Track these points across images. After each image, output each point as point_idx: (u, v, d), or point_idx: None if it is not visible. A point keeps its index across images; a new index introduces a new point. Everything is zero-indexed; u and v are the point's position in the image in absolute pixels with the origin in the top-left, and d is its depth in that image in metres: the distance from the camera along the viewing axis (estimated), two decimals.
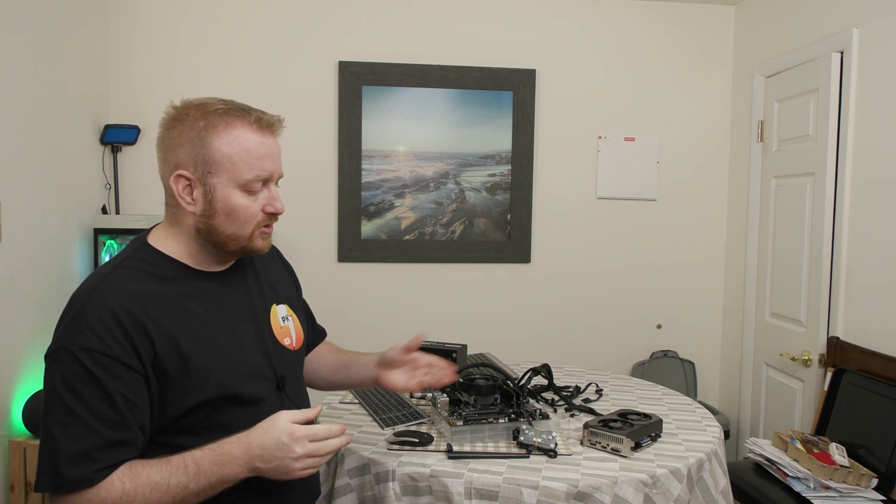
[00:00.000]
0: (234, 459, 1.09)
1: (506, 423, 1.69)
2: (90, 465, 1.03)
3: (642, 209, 3.46)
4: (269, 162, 1.19)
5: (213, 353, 1.17)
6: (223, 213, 1.17)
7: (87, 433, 1.04)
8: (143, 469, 1.07)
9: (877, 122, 2.45)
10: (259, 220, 1.20)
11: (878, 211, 2.44)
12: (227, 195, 1.17)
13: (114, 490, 1.04)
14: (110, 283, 1.12)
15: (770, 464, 2.31)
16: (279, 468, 1.10)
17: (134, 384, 1.08)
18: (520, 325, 3.41)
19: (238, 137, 1.17)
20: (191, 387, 1.13)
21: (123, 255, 1.21)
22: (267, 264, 1.41)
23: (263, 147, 1.19)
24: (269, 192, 1.21)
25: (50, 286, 2.55)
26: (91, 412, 1.05)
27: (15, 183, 2.29)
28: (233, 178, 1.16)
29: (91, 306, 1.09)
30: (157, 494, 1.06)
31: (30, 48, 2.39)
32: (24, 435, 2.34)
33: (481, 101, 3.30)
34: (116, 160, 3.05)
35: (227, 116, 1.18)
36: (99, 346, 1.06)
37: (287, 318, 1.36)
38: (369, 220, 3.28)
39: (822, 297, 2.68)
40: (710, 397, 3.56)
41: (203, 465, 1.08)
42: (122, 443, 1.07)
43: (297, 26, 3.19)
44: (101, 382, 1.05)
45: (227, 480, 1.10)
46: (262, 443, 1.09)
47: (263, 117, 1.20)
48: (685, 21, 3.42)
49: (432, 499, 1.49)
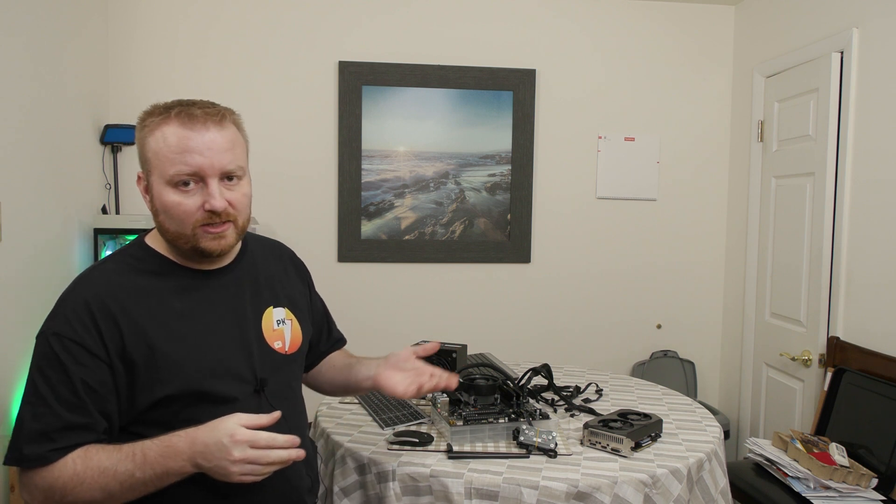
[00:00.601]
0: (179, 453, 1.09)
1: (506, 423, 1.69)
2: (47, 444, 1.08)
3: (642, 209, 3.46)
4: (195, 156, 1.14)
5: (185, 348, 1.17)
6: (161, 212, 1.18)
7: (48, 414, 1.09)
8: (96, 454, 1.09)
9: (877, 122, 2.45)
10: (197, 219, 1.16)
11: (878, 211, 2.44)
12: (160, 193, 1.17)
13: (66, 470, 1.08)
14: (92, 274, 1.18)
15: (770, 464, 2.30)
16: (217, 469, 1.08)
17: (97, 372, 1.11)
18: (520, 325, 3.41)
19: (163, 133, 1.15)
20: (159, 379, 1.14)
21: (119, 250, 1.26)
22: (272, 266, 1.39)
23: (187, 141, 1.14)
24: (206, 189, 1.16)
25: (50, 286, 2.54)
26: (54, 394, 1.09)
27: (15, 183, 2.29)
28: (161, 174, 1.16)
29: (70, 295, 1.14)
30: (104, 479, 1.08)
31: (30, 48, 2.39)
32: None
33: (481, 101, 3.30)
34: (116, 160, 3.05)
35: (153, 115, 1.18)
36: (68, 333, 1.11)
37: (284, 322, 1.34)
38: (369, 220, 3.28)
39: (822, 297, 2.68)
40: (710, 397, 3.56)
41: (149, 456, 1.09)
42: (80, 426, 1.10)
43: (297, 26, 3.19)
44: (66, 367, 1.09)
45: (173, 473, 1.09)
46: (206, 440, 1.08)
47: (187, 111, 1.16)
48: (685, 21, 3.42)
49: (432, 499, 1.49)
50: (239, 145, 1.21)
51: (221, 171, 1.16)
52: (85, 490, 1.08)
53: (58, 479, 1.08)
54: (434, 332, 3.21)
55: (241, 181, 1.21)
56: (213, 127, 1.16)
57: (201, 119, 1.15)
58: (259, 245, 1.42)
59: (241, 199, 1.20)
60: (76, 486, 1.08)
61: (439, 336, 3.12)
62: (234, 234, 1.21)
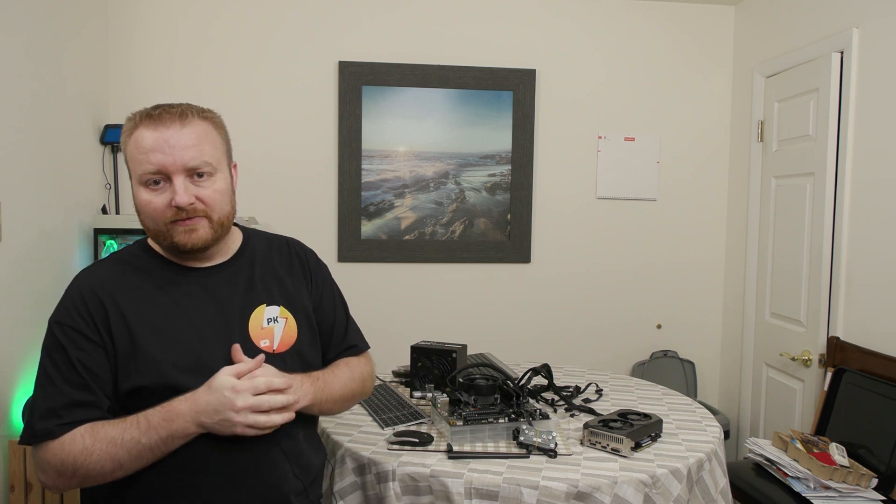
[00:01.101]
0: (181, 414, 1.16)
1: (506, 423, 1.69)
2: (54, 419, 1.16)
3: (642, 209, 3.46)
4: (157, 154, 1.19)
5: (163, 342, 1.22)
6: (139, 211, 1.25)
7: (55, 393, 1.18)
8: (102, 427, 1.17)
9: (877, 122, 2.45)
10: (167, 216, 1.21)
11: (878, 211, 2.44)
12: (136, 193, 1.24)
13: (75, 445, 1.15)
14: (90, 270, 1.29)
15: (770, 464, 2.30)
16: (222, 422, 1.16)
17: (95, 355, 1.20)
18: (520, 325, 3.41)
19: (135, 137, 1.22)
20: (135, 369, 1.20)
21: (120, 249, 1.36)
22: (273, 265, 1.40)
23: (150, 140, 1.20)
24: (171, 186, 1.21)
25: (50, 286, 2.54)
26: (61, 375, 1.18)
27: (15, 183, 2.29)
28: (134, 175, 1.24)
29: (70, 288, 1.26)
30: (112, 448, 1.15)
31: (30, 48, 2.39)
32: None
33: (481, 101, 3.30)
34: (116, 160, 3.05)
35: (133, 119, 1.24)
36: (67, 321, 1.21)
37: (275, 321, 1.33)
38: (369, 220, 3.28)
39: (822, 297, 2.68)
40: (710, 397, 3.56)
41: (153, 421, 1.16)
42: (84, 403, 1.18)
43: (297, 26, 3.19)
44: (67, 351, 1.19)
45: (177, 435, 1.16)
46: (207, 398, 1.16)
47: (150, 112, 1.21)
48: (685, 21, 3.42)
49: (432, 499, 1.49)
50: (207, 142, 1.24)
51: (184, 167, 1.20)
52: (95, 461, 1.14)
53: (69, 453, 1.14)
54: (434, 332, 3.21)
55: (214, 177, 1.24)
56: (173, 125, 1.20)
57: (163, 119, 1.20)
58: (264, 242, 1.43)
59: (211, 195, 1.24)
60: (86, 458, 1.14)
61: (439, 336, 3.12)
62: (208, 229, 1.24)
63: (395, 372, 2.35)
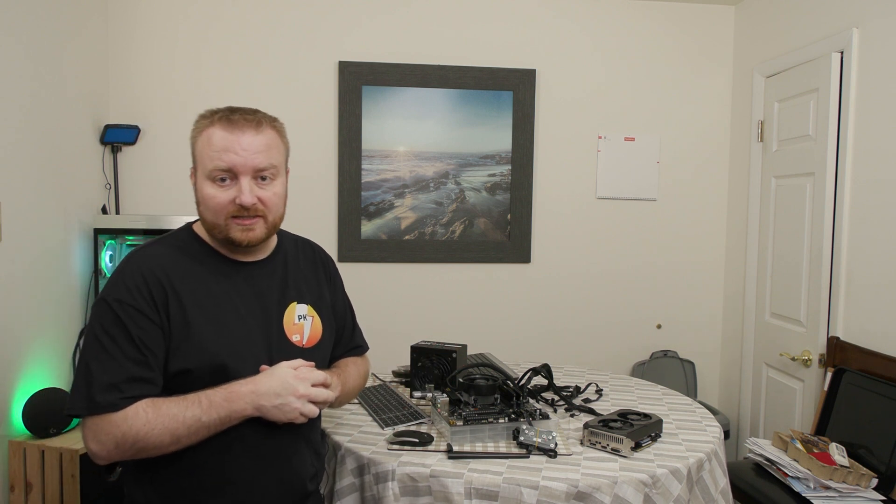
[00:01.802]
0: (242, 396, 1.25)
1: (506, 423, 1.69)
2: (117, 393, 1.21)
3: (642, 209, 3.46)
4: (231, 154, 1.29)
5: (214, 326, 1.30)
6: (202, 202, 1.33)
7: (117, 368, 1.23)
8: (163, 403, 1.23)
9: (877, 122, 2.45)
10: (229, 211, 1.31)
11: (878, 211, 2.44)
12: (202, 186, 1.32)
13: (138, 419, 1.21)
14: (146, 252, 1.34)
15: (770, 464, 2.31)
16: (281, 406, 1.26)
17: (153, 334, 1.26)
18: (520, 325, 3.41)
19: (208, 134, 1.31)
20: (186, 352, 1.28)
21: (167, 234, 1.42)
22: (302, 265, 1.51)
23: (225, 141, 1.29)
24: (238, 185, 1.30)
25: (50, 286, 2.55)
26: (121, 351, 1.23)
27: (15, 183, 2.29)
28: (203, 170, 1.32)
29: (128, 268, 1.30)
30: (174, 424, 1.22)
31: (30, 48, 2.39)
32: (24, 435, 2.34)
33: (481, 101, 3.30)
34: (116, 160, 3.05)
35: (203, 119, 1.33)
36: (128, 300, 1.26)
37: (305, 318, 1.45)
38: (369, 220, 3.28)
39: (822, 297, 2.68)
40: (710, 397, 3.56)
41: (214, 400, 1.24)
42: (143, 379, 1.24)
43: (297, 26, 3.19)
44: (128, 328, 1.24)
45: (235, 415, 1.25)
46: (269, 383, 1.27)
47: (230, 116, 1.31)
48: (685, 21, 3.42)
49: (432, 499, 1.49)
50: (275, 149, 1.35)
51: (254, 169, 1.31)
52: (155, 435, 1.21)
53: (131, 426, 1.20)
54: (434, 332, 3.21)
55: (275, 181, 1.35)
56: (249, 131, 1.31)
57: (240, 123, 1.31)
58: (293, 244, 1.54)
59: (271, 197, 1.34)
60: (148, 432, 1.21)
61: (439, 336, 3.12)
62: (263, 229, 1.35)
63: (395, 372, 2.35)
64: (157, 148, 3.12)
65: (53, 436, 2.34)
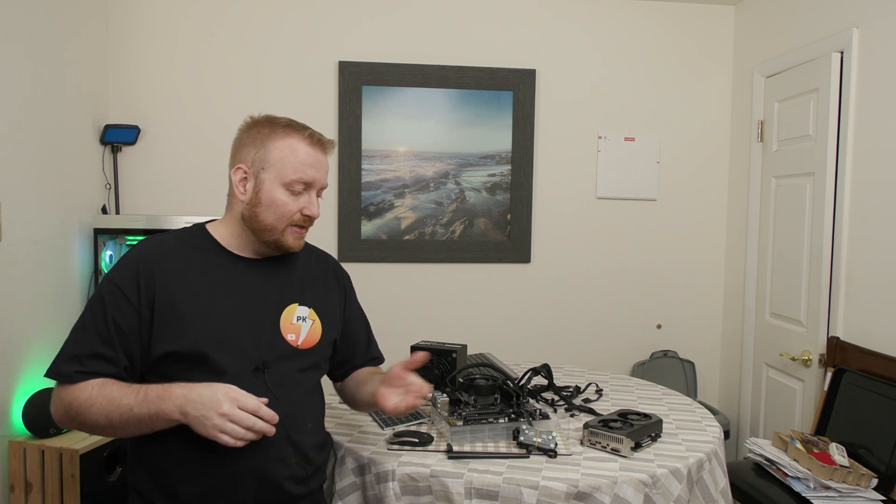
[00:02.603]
0: (173, 397, 1.24)
1: (506, 423, 1.69)
2: (77, 365, 1.28)
3: (642, 209, 3.46)
4: (313, 170, 1.39)
5: (202, 314, 1.34)
6: (265, 204, 1.37)
7: (84, 341, 1.29)
8: (111, 384, 1.27)
9: (877, 122, 2.45)
10: (294, 219, 1.39)
11: (878, 211, 2.44)
12: (272, 189, 1.37)
13: (84, 392, 1.26)
14: (154, 240, 1.40)
15: (770, 464, 2.31)
16: (202, 419, 1.22)
17: (128, 316, 1.30)
18: (520, 325, 3.41)
19: (291, 145, 1.38)
20: (171, 335, 1.31)
21: (181, 229, 1.47)
22: (313, 271, 1.55)
23: (310, 157, 1.39)
24: (308, 197, 1.40)
25: (50, 286, 2.55)
26: (94, 326, 1.30)
27: (15, 183, 2.29)
28: (279, 176, 1.37)
29: (129, 253, 1.38)
30: (110, 407, 1.25)
31: (30, 48, 2.39)
32: (24, 435, 2.34)
33: (481, 101, 3.30)
34: (116, 160, 3.05)
35: (288, 129, 1.40)
36: (116, 279, 1.32)
37: (304, 320, 1.46)
38: (369, 220, 3.28)
39: (822, 297, 2.68)
40: (710, 397, 3.56)
41: (149, 395, 1.25)
42: (104, 357, 1.29)
43: (297, 26, 3.19)
44: (106, 307, 1.30)
45: (161, 416, 1.24)
46: (202, 391, 1.24)
47: (316, 134, 1.41)
48: (685, 21, 3.42)
49: (432, 499, 1.49)
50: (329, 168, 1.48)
51: (322, 186, 1.44)
52: (93, 414, 1.25)
53: (76, 398, 1.26)
54: (434, 332, 3.21)
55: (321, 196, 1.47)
56: (326, 153, 1.44)
57: (324, 144, 1.43)
58: (306, 251, 1.57)
59: (319, 210, 1.46)
60: (88, 408, 1.25)
61: (439, 336, 3.12)
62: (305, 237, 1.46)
63: None
64: (157, 148, 3.12)
65: (53, 436, 2.34)
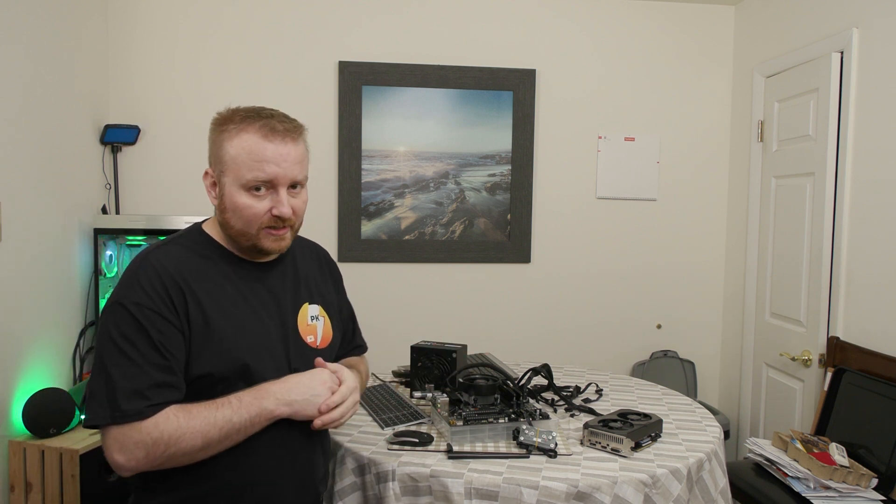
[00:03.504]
0: (272, 393, 1.24)
1: (506, 423, 1.69)
2: (143, 401, 1.17)
3: (642, 209, 3.46)
4: (272, 166, 1.25)
5: (235, 327, 1.27)
6: (230, 210, 1.28)
7: (140, 374, 1.18)
8: (193, 407, 1.20)
9: (877, 122, 2.45)
10: (263, 221, 1.28)
11: (878, 211, 2.44)
12: (233, 194, 1.27)
13: (169, 424, 1.17)
14: (160, 252, 1.29)
15: (770, 464, 2.31)
16: (311, 399, 1.27)
17: (173, 338, 1.21)
18: (520, 325, 3.41)
19: (244, 141, 1.25)
20: (208, 355, 1.24)
21: (177, 234, 1.37)
22: (310, 265, 1.50)
23: (266, 151, 1.25)
24: (276, 196, 1.27)
25: (50, 286, 2.55)
26: (143, 357, 1.18)
27: (15, 183, 2.29)
28: (236, 178, 1.26)
29: (143, 269, 1.24)
30: (205, 426, 1.18)
31: (30, 48, 2.39)
32: (24, 435, 2.34)
33: (481, 101, 3.30)
34: (116, 160, 3.05)
35: (243, 123, 1.27)
36: (147, 302, 1.21)
37: (317, 318, 1.44)
38: (369, 220, 3.28)
39: (822, 297, 2.68)
40: (710, 397, 3.56)
41: (245, 399, 1.22)
42: (168, 385, 1.20)
43: (297, 26, 3.19)
44: (149, 333, 1.19)
45: (265, 414, 1.23)
46: (298, 378, 1.28)
47: (270, 124, 1.26)
48: (685, 21, 3.42)
49: (432, 499, 1.49)
50: (306, 158, 1.33)
51: (291, 181, 1.29)
52: (187, 440, 1.17)
53: (163, 432, 1.16)
54: (434, 332, 3.21)
55: (303, 189, 1.34)
56: (290, 141, 1.28)
57: (281, 133, 1.26)
58: (299, 245, 1.51)
59: (300, 205, 1.33)
60: (179, 437, 1.17)
61: (439, 336, 3.12)
62: (290, 237, 1.34)
63: (395, 372, 2.35)
64: (157, 148, 3.12)
65: (53, 436, 2.34)
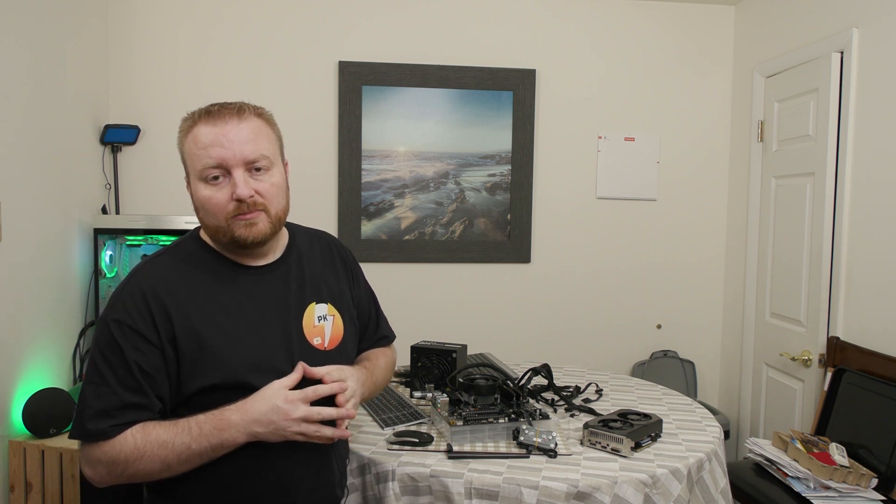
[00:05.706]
0: (233, 425, 1.19)
1: (506, 423, 1.69)
2: (107, 420, 1.17)
3: (642, 209, 3.46)
4: (217, 149, 1.21)
5: (229, 341, 1.24)
6: (200, 208, 1.26)
7: (109, 393, 1.18)
8: (154, 429, 1.18)
9: (877, 122, 2.45)
10: (229, 210, 1.23)
11: (878, 211, 2.44)
12: (196, 190, 1.25)
13: (127, 444, 1.16)
14: (148, 267, 1.27)
15: (770, 464, 2.31)
16: (276, 431, 1.20)
17: (151, 357, 1.20)
18: (520, 325, 3.41)
19: (193, 135, 1.24)
20: (203, 368, 1.21)
21: (174, 242, 1.35)
22: (317, 263, 1.44)
23: (209, 136, 1.22)
24: (231, 179, 1.23)
25: (50, 286, 2.55)
26: (115, 376, 1.18)
27: (15, 183, 2.29)
28: (194, 172, 1.25)
29: (129, 286, 1.24)
30: (163, 451, 1.17)
31: (30, 48, 2.39)
32: (24, 435, 2.34)
33: (481, 101, 3.30)
34: (116, 160, 3.05)
35: (191, 118, 1.26)
36: (126, 320, 1.19)
37: (325, 318, 1.38)
38: (369, 220, 3.28)
39: (822, 297, 2.68)
40: (710, 397, 3.56)
41: (205, 429, 1.18)
42: (137, 405, 1.18)
43: (297, 26, 3.19)
44: (124, 351, 1.18)
45: (227, 444, 1.19)
46: (259, 409, 1.19)
47: (216, 107, 1.25)
48: (685, 21, 3.42)
49: (432, 499, 1.49)
50: (264, 136, 1.27)
51: (244, 160, 1.23)
52: (145, 462, 1.17)
53: (120, 452, 1.16)
54: (434, 332, 3.21)
55: (270, 171, 1.27)
56: (231, 121, 1.23)
57: (221, 115, 1.23)
58: (306, 238, 1.46)
59: (269, 188, 1.26)
60: (137, 458, 1.16)
61: (439, 336, 3.12)
62: (267, 223, 1.26)
63: (395, 372, 2.35)
64: (157, 148, 3.11)
65: (53, 436, 2.34)
